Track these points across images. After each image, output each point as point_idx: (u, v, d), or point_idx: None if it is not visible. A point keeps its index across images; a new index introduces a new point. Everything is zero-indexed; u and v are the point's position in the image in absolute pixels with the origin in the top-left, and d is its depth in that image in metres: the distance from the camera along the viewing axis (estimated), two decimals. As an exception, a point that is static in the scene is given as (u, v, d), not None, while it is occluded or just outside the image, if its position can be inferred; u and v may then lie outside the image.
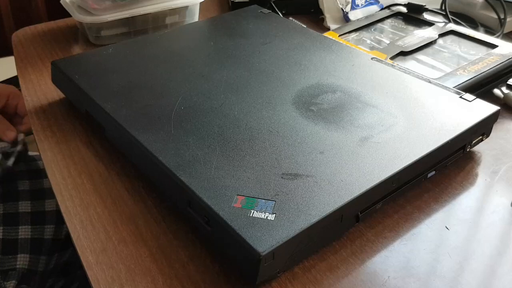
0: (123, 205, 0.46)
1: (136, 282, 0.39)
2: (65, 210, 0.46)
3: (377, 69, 0.56)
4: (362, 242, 0.42)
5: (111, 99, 0.51)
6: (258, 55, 0.59)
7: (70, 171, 0.50)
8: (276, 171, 0.41)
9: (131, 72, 0.56)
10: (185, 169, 0.41)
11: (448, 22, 0.73)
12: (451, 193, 0.47)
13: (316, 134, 0.46)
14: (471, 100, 0.51)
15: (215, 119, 0.48)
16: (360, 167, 0.42)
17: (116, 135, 0.50)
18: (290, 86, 0.53)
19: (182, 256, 0.41)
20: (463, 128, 0.47)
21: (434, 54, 0.65)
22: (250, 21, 0.69)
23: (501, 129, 0.56)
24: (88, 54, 0.61)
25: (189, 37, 0.65)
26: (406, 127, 0.47)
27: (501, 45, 0.65)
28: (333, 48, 0.61)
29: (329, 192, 0.39)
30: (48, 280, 0.65)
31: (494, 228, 0.43)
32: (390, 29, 0.73)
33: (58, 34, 0.79)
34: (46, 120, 0.58)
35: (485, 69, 0.60)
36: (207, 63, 0.58)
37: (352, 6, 0.79)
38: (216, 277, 0.39)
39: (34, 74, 0.68)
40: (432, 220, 0.44)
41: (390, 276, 0.39)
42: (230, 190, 0.39)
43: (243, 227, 0.36)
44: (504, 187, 0.48)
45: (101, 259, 0.41)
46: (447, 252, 0.41)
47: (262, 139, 0.45)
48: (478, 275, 0.39)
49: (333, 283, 0.38)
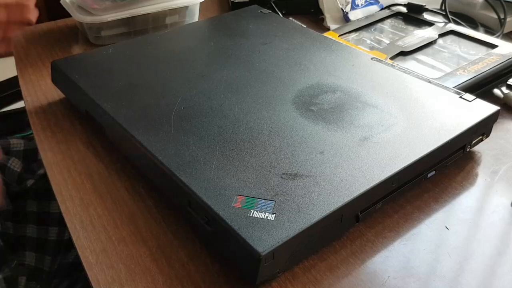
0: (123, 205, 0.46)
1: (136, 282, 0.39)
2: (65, 210, 0.46)
3: (377, 69, 0.56)
4: (362, 242, 0.42)
5: (111, 99, 0.51)
6: (258, 55, 0.59)
7: (70, 171, 0.50)
8: (276, 171, 0.41)
9: (131, 72, 0.56)
10: (185, 169, 0.41)
11: (448, 22, 0.73)
12: (451, 193, 0.47)
13: (316, 134, 0.46)
14: (471, 100, 0.51)
15: (215, 119, 0.48)
16: (360, 167, 0.42)
17: (116, 135, 0.50)
18: (290, 86, 0.53)
19: (182, 256, 0.41)
20: (463, 128, 0.47)
21: (434, 54, 0.65)
22: (250, 21, 0.69)
23: (501, 129, 0.56)
24: (88, 54, 0.61)
25: (189, 37, 0.65)
26: (406, 127, 0.47)
27: (501, 45, 0.65)
28: (333, 48, 0.61)
29: (329, 192, 0.39)
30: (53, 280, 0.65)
31: (494, 228, 0.43)
32: (390, 29, 0.73)
33: (58, 34, 0.79)
34: (46, 120, 0.58)
35: (485, 69, 0.60)
36: (207, 63, 0.58)
37: (352, 6, 0.79)
38: (216, 277, 0.39)
39: (34, 74, 0.68)
40: (432, 220, 0.44)
41: (390, 276, 0.39)
42: (230, 190, 0.39)
43: (243, 227, 0.36)
44: (504, 187, 0.48)
45: (101, 259, 0.41)
46: (447, 252, 0.41)
47: (262, 139, 0.45)
48: (478, 275, 0.39)
49: (333, 283, 0.38)
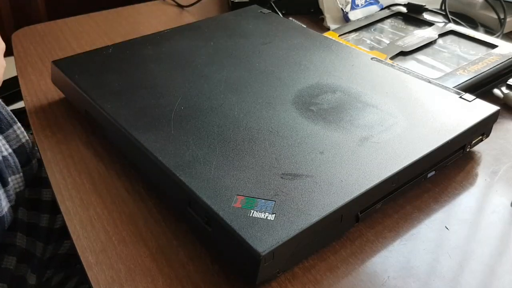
0: (123, 205, 0.46)
1: (136, 282, 0.39)
2: (65, 210, 0.46)
3: (377, 69, 0.56)
4: (362, 242, 0.42)
5: (111, 99, 0.51)
6: (258, 55, 0.59)
7: (70, 171, 0.50)
8: (276, 171, 0.41)
9: (131, 72, 0.56)
10: (185, 169, 0.41)
11: (448, 22, 0.73)
12: (451, 193, 0.47)
13: (316, 134, 0.46)
14: (471, 100, 0.51)
15: (215, 119, 0.48)
16: (360, 167, 0.42)
17: (116, 135, 0.50)
18: (290, 86, 0.53)
19: (182, 256, 0.41)
20: (463, 128, 0.47)
21: (434, 54, 0.65)
22: (250, 21, 0.69)
23: (501, 129, 0.56)
24: (88, 54, 0.61)
25: (189, 37, 0.65)
26: (406, 127, 0.47)
27: (501, 45, 0.65)
28: (333, 48, 0.61)
29: (329, 192, 0.39)
30: (47, 271, 0.64)
31: (494, 228, 0.43)
32: (390, 29, 0.73)
33: (58, 34, 0.79)
34: (46, 120, 0.58)
35: (485, 69, 0.60)
36: (207, 63, 0.58)
37: (352, 6, 0.79)
38: (216, 277, 0.39)
39: (34, 74, 0.68)
40: (432, 220, 0.44)
41: (390, 276, 0.39)
42: (230, 190, 0.39)
43: (243, 227, 0.36)
44: (504, 187, 0.48)
45: (101, 259, 0.41)
46: (447, 252, 0.41)
47: (262, 139, 0.45)
48: (478, 275, 0.39)
49: (333, 283, 0.38)
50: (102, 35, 0.79)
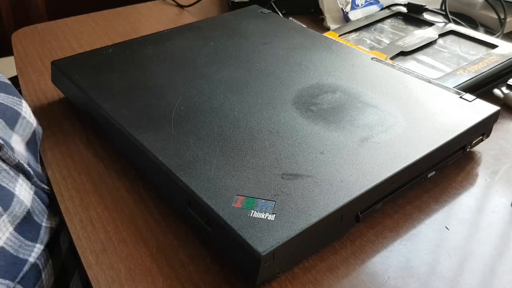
0: (123, 205, 0.46)
1: (136, 282, 0.39)
2: (65, 210, 0.46)
3: (377, 69, 0.56)
4: (362, 242, 0.42)
5: (111, 99, 0.51)
6: (258, 55, 0.59)
7: (70, 171, 0.50)
8: (276, 171, 0.41)
9: (131, 72, 0.56)
10: (185, 169, 0.41)
11: (448, 22, 0.73)
12: (451, 193, 0.47)
13: (316, 134, 0.46)
14: (471, 100, 0.51)
15: (215, 119, 0.48)
16: (360, 167, 0.42)
17: (116, 135, 0.50)
18: (290, 86, 0.53)
19: (182, 256, 0.41)
20: (463, 128, 0.47)
21: (434, 54, 0.65)
22: (250, 21, 0.69)
23: (501, 129, 0.56)
24: (88, 54, 0.61)
25: (189, 37, 0.65)
26: (406, 127, 0.47)
27: (501, 45, 0.65)
28: (333, 48, 0.61)
29: (329, 192, 0.39)
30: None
31: (494, 228, 0.43)
32: (390, 29, 0.73)
33: (58, 34, 0.79)
34: (46, 120, 0.58)
35: (485, 69, 0.60)
36: (207, 63, 0.58)
37: (352, 6, 0.79)
38: (216, 277, 0.39)
39: (34, 74, 0.68)
40: (432, 220, 0.44)
41: (390, 276, 0.39)
42: (230, 190, 0.39)
43: (243, 227, 0.36)
44: (504, 187, 0.48)
45: (101, 259, 0.41)
46: (447, 252, 0.41)
47: (262, 139, 0.45)
48: (478, 275, 0.39)
49: (333, 283, 0.38)
50: (102, 35, 0.79)
